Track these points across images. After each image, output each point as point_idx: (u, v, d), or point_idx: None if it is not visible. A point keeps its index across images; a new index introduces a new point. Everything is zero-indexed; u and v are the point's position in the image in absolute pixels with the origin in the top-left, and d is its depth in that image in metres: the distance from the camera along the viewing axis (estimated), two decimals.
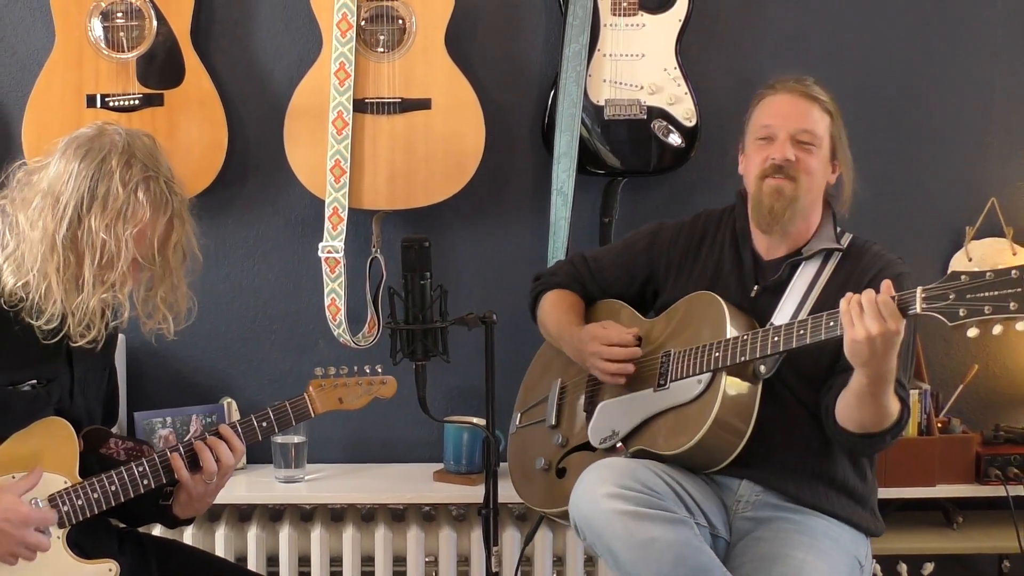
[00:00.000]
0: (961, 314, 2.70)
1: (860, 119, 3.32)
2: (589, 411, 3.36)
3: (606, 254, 3.57)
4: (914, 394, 3.88)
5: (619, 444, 3.22)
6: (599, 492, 2.95)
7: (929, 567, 3.95)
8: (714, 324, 3.15)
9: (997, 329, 2.72)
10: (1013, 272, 2.65)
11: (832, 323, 2.89)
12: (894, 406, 2.96)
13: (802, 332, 2.95)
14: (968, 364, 4.12)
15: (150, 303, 2.85)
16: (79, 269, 2.74)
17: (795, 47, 4.09)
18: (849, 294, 2.84)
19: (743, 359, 3.03)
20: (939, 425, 3.94)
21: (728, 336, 3.09)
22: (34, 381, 2.81)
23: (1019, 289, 2.64)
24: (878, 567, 3.88)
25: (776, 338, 3.00)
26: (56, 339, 2.76)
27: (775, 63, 4.05)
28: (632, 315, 3.42)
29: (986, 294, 2.68)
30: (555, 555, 3.93)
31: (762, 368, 3.08)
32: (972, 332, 2.75)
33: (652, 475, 3.01)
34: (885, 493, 3.73)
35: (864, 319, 2.78)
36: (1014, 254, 4.09)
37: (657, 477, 3.01)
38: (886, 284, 2.83)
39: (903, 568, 3.93)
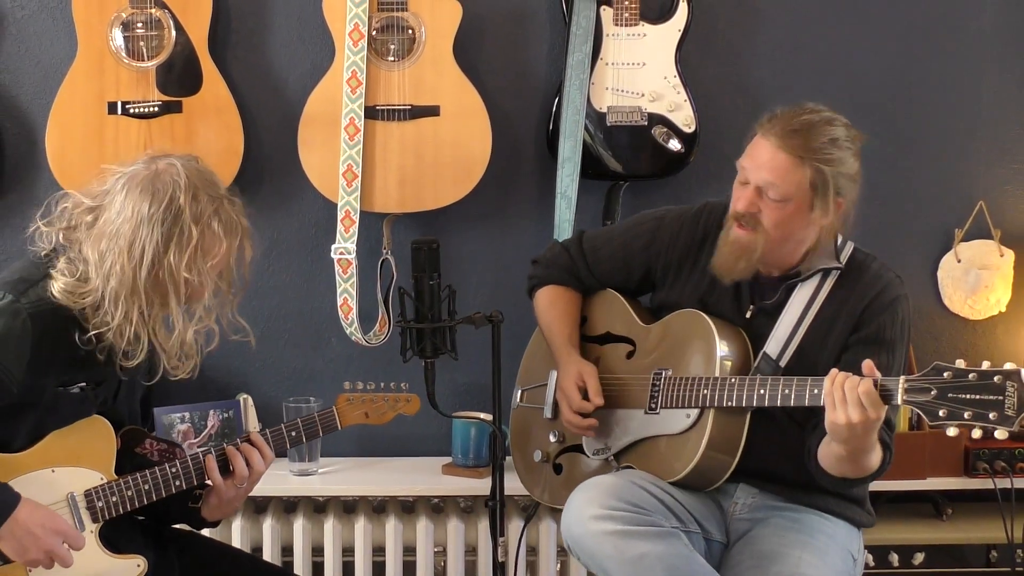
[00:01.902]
0: (941, 415, 2.65)
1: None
2: None
3: (604, 244, 3.43)
4: None
5: (610, 458, 3.23)
6: (587, 515, 2.95)
7: (919, 557, 3.95)
8: (705, 350, 3.12)
9: (976, 433, 2.64)
10: (996, 378, 2.60)
11: (816, 391, 2.85)
12: (876, 457, 2.93)
13: (787, 392, 2.92)
14: (957, 361, 4.10)
15: (228, 312, 2.86)
16: (165, 308, 2.73)
17: (790, 56, 4.10)
18: (834, 372, 2.80)
19: (728, 405, 3.01)
20: None
21: (717, 371, 3.06)
22: (83, 384, 2.81)
23: (1000, 398, 2.60)
24: (870, 557, 3.88)
25: (762, 391, 2.97)
26: (156, 379, 2.79)
27: (771, 71, 4.08)
28: (627, 316, 3.37)
29: (967, 396, 2.62)
30: (559, 545, 3.93)
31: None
32: (952, 432, 2.67)
33: (639, 491, 3.00)
34: (877, 486, 3.72)
35: (847, 407, 2.74)
36: (1001, 255, 4.10)
37: (644, 492, 3.01)
38: (868, 366, 2.77)
39: (894, 558, 3.93)
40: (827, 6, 4.10)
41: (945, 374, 2.65)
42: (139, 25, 3.83)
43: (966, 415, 2.61)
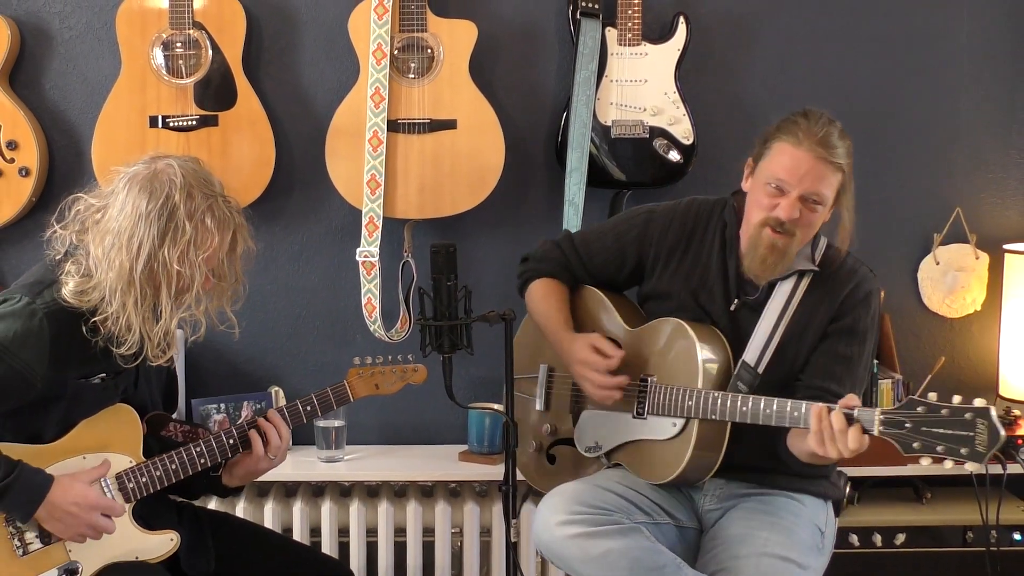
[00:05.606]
0: (915, 447, 2.63)
1: None
2: (575, 413, 3.36)
3: (596, 239, 3.40)
4: (887, 383, 3.90)
5: (602, 457, 3.26)
6: (552, 521, 2.99)
7: (901, 537, 3.94)
8: (687, 356, 3.10)
9: (948, 464, 2.63)
10: (967, 414, 2.58)
11: (796, 413, 2.85)
12: None
13: (768, 412, 2.90)
14: (936, 356, 4.12)
15: (218, 307, 2.84)
16: (156, 299, 2.73)
17: (781, 73, 4.10)
18: (816, 408, 2.79)
19: (712, 418, 2.99)
20: None
21: (700, 376, 3.05)
22: (103, 375, 2.81)
23: (971, 434, 2.57)
24: (855, 538, 3.88)
25: (744, 408, 2.94)
26: (136, 362, 2.76)
27: (763, 87, 4.08)
28: (612, 317, 3.34)
29: (940, 431, 2.60)
30: None
31: None
32: (925, 462, 2.67)
33: (602, 492, 3.04)
34: (861, 471, 3.74)
35: (836, 441, 2.75)
36: (977, 258, 4.10)
37: (608, 492, 3.04)
38: (848, 400, 2.79)
39: (877, 539, 3.92)
40: (816, 27, 4.10)
41: (919, 408, 2.63)
42: (178, 45, 3.84)
43: (939, 448, 2.60)
